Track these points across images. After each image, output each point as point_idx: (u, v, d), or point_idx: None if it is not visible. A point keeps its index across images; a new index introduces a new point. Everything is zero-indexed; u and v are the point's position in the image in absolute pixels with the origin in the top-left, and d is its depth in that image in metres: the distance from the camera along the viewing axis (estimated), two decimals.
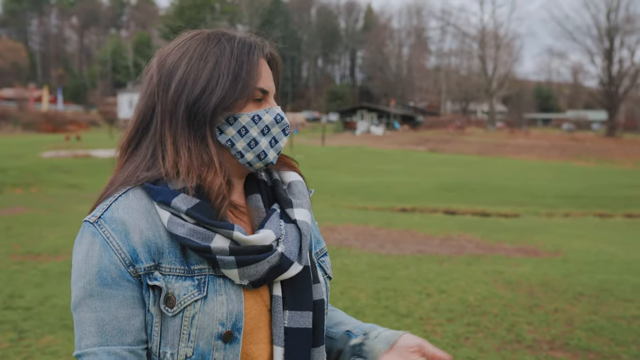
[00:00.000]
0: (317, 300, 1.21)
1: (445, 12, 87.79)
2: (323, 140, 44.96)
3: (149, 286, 1.09)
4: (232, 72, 1.15)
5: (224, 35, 1.20)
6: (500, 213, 15.74)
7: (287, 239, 1.17)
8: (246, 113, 1.17)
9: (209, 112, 1.13)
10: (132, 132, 1.20)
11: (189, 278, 1.10)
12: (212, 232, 1.10)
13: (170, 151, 1.13)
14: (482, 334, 5.03)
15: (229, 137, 1.17)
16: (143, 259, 1.09)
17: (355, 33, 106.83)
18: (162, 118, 1.15)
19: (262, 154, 1.19)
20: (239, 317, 1.11)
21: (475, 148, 43.19)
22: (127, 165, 1.18)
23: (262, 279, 1.12)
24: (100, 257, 1.08)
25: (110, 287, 1.08)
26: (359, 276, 6.84)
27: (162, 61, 1.19)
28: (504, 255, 8.52)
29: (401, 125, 68.36)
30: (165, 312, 1.09)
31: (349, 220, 11.79)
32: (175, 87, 1.15)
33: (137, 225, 1.10)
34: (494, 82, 69.46)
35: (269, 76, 1.22)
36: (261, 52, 1.21)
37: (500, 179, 24.31)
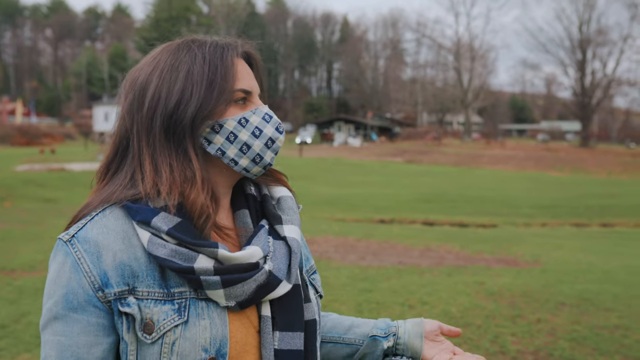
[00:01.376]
0: (309, 320, 1.15)
1: (421, 25, 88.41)
2: (301, 152, 44.95)
3: (120, 312, 1.02)
4: (206, 78, 1.08)
5: (195, 42, 1.14)
6: (478, 223, 15.82)
7: (276, 256, 1.10)
8: (231, 118, 1.11)
9: (187, 125, 1.07)
10: (110, 156, 1.14)
11: (169, 302, 1.03)
12: (195, 252, 1.03)
13: (149, 171, 1.06)
14: (466, 345, 4.99)
15: (218, 145, 1.11)
16: (114, 284, 1.02)
17: (331, 45, 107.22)
18: (139, 137, 1.09)
19: (258, 157, 1.13)
20: (224, 342, 1.04)
21: (452, 159, 43.49)
22: (105, 188, 1.11)
23: (249, 299, 1.06)
24: (69, 278, 1.02)
25: (75, 311, 1.02)
26: (340, 289, 6.78)
27: (134, 79, 1.13)
28: (484, 265, 8.52)
29: (378, 136, 68.67)
30: (143, 339, 1.02)
31: (328, 232, 11.74)
32: (148, 103, 1.08)
33: (111, 247, 1.03)
34: (469, 93, 70.12)
35: (250, 75, 1.16)
36: (235, 52, 1.14)
37: (478, 190, 24.47)
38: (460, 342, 5.05)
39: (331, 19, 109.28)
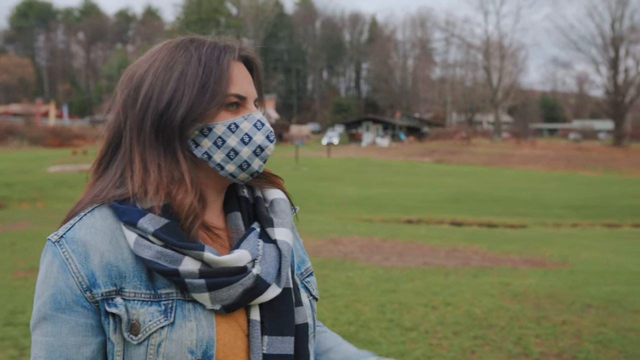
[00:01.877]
0: (300, 324, 1.14)
1: (450, 24, 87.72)
2: (329, 153, 44.95)
3: (107, 313, 1.03)
4: (199, 80, 1.07)
5: (194, 41, 1.13)
6: (507, 224, 15.65)
7: (265, 260, 1.09)
8: (221, 122, 1.10)
9: (176, 126, 1.06)
10: (103, 151, 1.14)
11: (155, 303, 1.03)
12: (181, 254, 1.03)
13: (138, 169, 1.07)
14: (488, 347, 4.95)
15: (205, 149, 1.10)
16: (101, 284, 1.02)
17: (359, 45, 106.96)
18: (131, 134, 1.09)
19: (245, 164, 1.12)
20: (210, 344, 1.03)
21: (482, 159, 43.10)
22: (96, 184, 1.12)
23: (235, 302, 1.05)
24: (57, 279, 1.03)
25: (63, 311, 1.03)
26: (363, 289, 6.77)
27: (131, 75, 1.13)
28: (510, 266, 8.43)
29: (407, 136, 68.34)
30: (130, 340, 1.02)
31: (354, 233, 11.72)
32: (141, 101, 1.08)
33: (99, 248, 1.04)
34: (499, 92, 69.42)
35: (246, 80, 1.15)
36: (232, 55, 1.13)
37: (507, 190, 24.22)
38: (483, 343, 5.02)
39: (359, 19, 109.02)
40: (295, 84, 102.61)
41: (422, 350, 4.87)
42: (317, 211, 18.27)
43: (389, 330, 5.32)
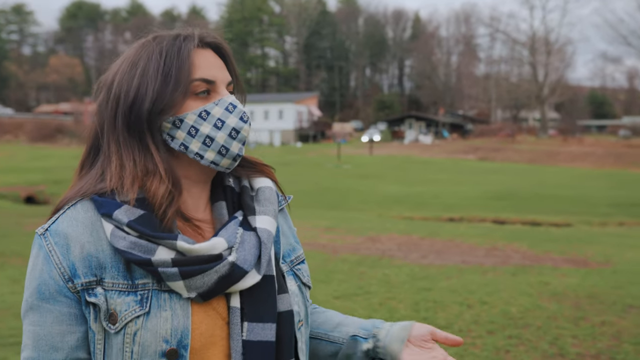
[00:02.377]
0: (283, 311, 1.14)
1: (494, 19, 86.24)
2: (371, 150, 44.83)
3: (87, 302, 1.06)
4: (161, 72, 1.10)
5: (156, 38, 1.15)
6: (551, 222, 15.37)
7: (243, 248, 1.10)
8: (191, 112, 1.11)
9: (144, 118, 1.09)
10: (85, 155, 1.18)
11: (132, 293, 1.05)
12: (155, 244, 1.05)
13: (116, 166, 1.10)
14: (523, 347, 4.88)
15: (180, 140, 1.12)
16: (82, 274, 1.06)
17: (403, 42, 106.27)
18: (108, 135, 1.13)
19: (223, 149, 1.12)
20: (185, 333, 1.05)
21: (527, 156, 42.37)
22: (79, 182, 1.16)
23: (211, 290, 1.06)
24: (42, 270, 1.07)
25: (47, 301, 1.07)
26: (398, 287, 6.74)
27: (105, 77, 1.17)
28: (551, 265, 8.28)
29: (450, 133, 67.64)
30: (108, 329, 1.05)
31: (392, 231, 11.68)
32: (111, 101, 1.12)
33: (79, 239, 1.07)
34: (545, 88, 68.06)
35: (214, 65, 1.15)
36: (193, 42, 1.14)
37: (552, 188, 23.76)
38: (518, 343, 4.95)
39: (403, 16, 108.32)
40: (338, 81, 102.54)
41: (455, 349, 4.81)
42: (358, 209, 18.26)
43: None
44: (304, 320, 1.23)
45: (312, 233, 11.22)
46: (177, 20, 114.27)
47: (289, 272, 1.23)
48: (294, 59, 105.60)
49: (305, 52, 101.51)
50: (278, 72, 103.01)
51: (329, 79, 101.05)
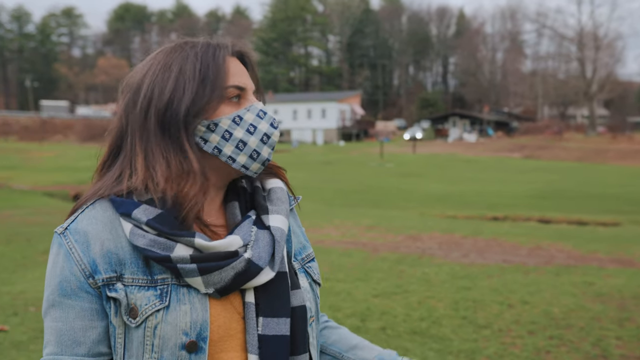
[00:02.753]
0: (297, 306, 1.17)
1: (541, 15, 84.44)
2: (414, 148, 44.54)
3: (108, 297, 1.09)
4: (198, 74, 1.12)
5: (187, 43, 1.18)
6: (598, 222, 14.99)
7: (258, 245, 1.13)
8: (225, 116, 1.14)
9: (181, 118, 1.11)
10: (105, 156, 1.21)
11: (152, 288, 1.08)
12: (174, 241, 1.08)
13: (141, 168, 1.12)
14: (565, 348, 4.79)
15: (214, 144, 1.14)
16: (102, 270, 1.09)
17: (447, 39, 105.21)
18: (133, 136, 1.15)
19: (255, 153, 1.16)
20: (204, 326, 1.08)
21: (575, 154, 41.49)
22: (97, 183, 1.19)
23: (227, 286, 1.09)
24: (63, 268, 1.10)
25: (69, 297, 1.10)
26: (438, 286, 6.69)
27: (130, 80, 1.19)
28: (596, 265, 8.09)
29: (495, 131, 66.66)
30: (129, 323, 1.08)
31: (434, 229, 11.58)
32: (141, 101, 1.13)
33: (99, 237, 1.10)
34: (593, 85, 66.42)
35: (243, 73, 1.19)
36: (227, 51, 1.18)
37: (601, 186, 23.21)
38: (559, 343, 4.85)
39: (447, 13, 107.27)
40: (381, 80, 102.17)
41: (494, 348, 4.77)
42: (400, 207, 18.16)
43: (461, 328, 5.24)
44: (315, 316, 1.26)
45: (353, 232, 11.21)
46: (221, 20, 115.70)
47: (301, 269, 1.27)
48: (337, 58, 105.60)
49: (348, 50, 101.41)
50: (321, 71, 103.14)
51: (372, 77, 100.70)
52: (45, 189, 22.17)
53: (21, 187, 22.38)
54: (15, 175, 26.55)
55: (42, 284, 6.77)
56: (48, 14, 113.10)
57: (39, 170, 29.65)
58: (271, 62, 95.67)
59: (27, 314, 5.65)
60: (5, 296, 6.32)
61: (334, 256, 8.52)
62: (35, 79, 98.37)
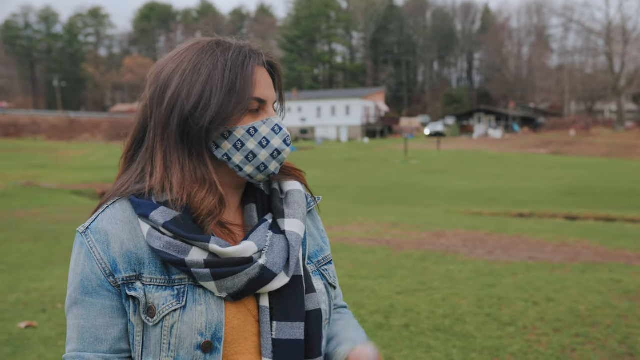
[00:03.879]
0: (312, 310, 1.18)
1: (568, 9, 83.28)
2: (438, 145, 44.28)
3: (127, 296, 1.11)
4: (226, 84, 1.12)
5: (220, 45, 1.17)
6: (626, 218, 14.79)
7: (272, 251, 1.14)
8: (241, 126, 1.15)
9: (204, 128, 1.11)
10: (129, 145, 1.21)
11: (169, 288, 1.10)
12: (189, 244, 1.09)
13: (160, 167, 1.13)
14: (591, 345, 4.74)
15: (225, 151, 1.15)
16: (122, 269, 1.11)
17: (472, 35, 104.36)
18: (155, 132, 1.15)
19: (262, 166, 1.17)
20: (219, 327, 1.10)
21: (602, 150, 40.93)
22: (121, 178, 1.20)
23: (240, 291, 1.10)
24: (84, 266, 1.13)
25: (90, 295, 1.12)
26: (462, 283, 6.65)
27: (158, 73, 1.18)
28: (624, 263, 7.98)
29: (521, 127, 66.01)
30: (147, 322, 1.10)
31: (458, 226, 11.52)
32: (168, 101, 1.13)
33: (119, 236, 1.12)
34: (622, 79, 65.36)
35: (268, 85, 1.19)
36: (257, 61, 1.17)
37: (629, 182, 22.86)
38: (585, 341, 4.81)
39: (472, 8, 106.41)
40: (406, 76, 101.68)
41: (518, 346, 4.73)
42: (424, 204, 18.09)
43: (485, 325, 5.21)
44: (329, 319, 1.27)
45: (376, 229, 11.20)
46: (246, 18, 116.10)
47: (316, 272, 1.27)
48: (361, 55, 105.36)
49: (373, 47, 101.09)
50: (345, 68, 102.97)
51: (396, 74, 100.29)
52: (73, 187, 22.47)
53: (49, 185, 22.70)
54: (43, 174, 26.95)
55: None
56: (75, 15, 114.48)
57: (67, 168, 30.07)
58: (295, 60, 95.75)
59: (55, 310, 5.74)
60: (33, 293, 6.44)
61: (357, 253, 8.52)
62: (62, 79, 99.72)
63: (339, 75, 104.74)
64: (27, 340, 4.91)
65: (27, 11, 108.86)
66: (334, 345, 1.28)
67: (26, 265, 8.03)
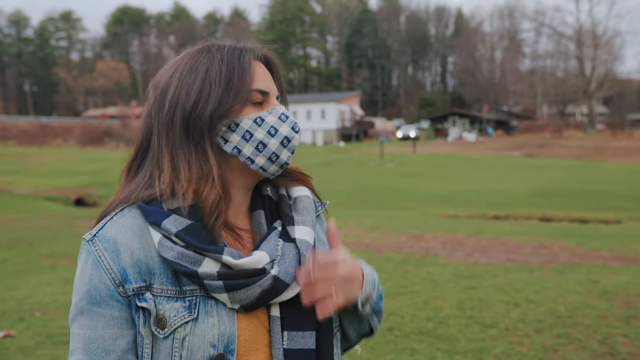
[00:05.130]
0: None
1: (539, 13, 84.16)
2: (414, 148, 44.53)
3: (137, 307, 1.08)
4: (223, 78, 1.12)
5: (214, 45, 1.18)
6: (600, 219, 15.00)
7: (284, 260, 1.12)
8: (247, 117, 1.14)
9: (206, 122, 1.11)
10: (133, 155, 1.20)
11: (180, 299, 1.08)
12: (202, 255, 1.07)
13: (167, 169, 1.11)
14: (572, 346, 4.79)
15: (234, 144, 1.14)
16: (133, 280, 1.08)
17: (445, 38, 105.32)
18: (160, 136, 1.14)
19: (274, 156, 1.16)
20: (232, 338, 1.08)
21: (574, 152, 41.48)
22: (127, 186, 1.18)
23: (253, 303, 1.09)
24: (92, 275, 1.09)
25: (98, 305, 1.09)
26: (443, 286, 6.69)
27: (157, 82, 1.19)
28: (600, 263, 8.09)
29: (495, 130, 66.65)
30: (157, 334, 1.08)
31: (437, 229, 11.58)
32: (169, 103, 1.13)
33: (129, 245, 1.09)
34: (592, 82, 66.36)
35: (267, 78, 1.19)
36: (252, 55, 1.18)
37: (601, 184, 23.21)
38: (566, 342, 4.86)
39: (445, 12, 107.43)
40: (380, 80, 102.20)
41: (501, 347, 4.77)
42: (401, 207, 18.16)
43: (468, 327, 5.24)
44: (339, 325, 1.25)
45: (355, 232, 11.21)
46: (219, 22, 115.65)
47: None
48: (335, 59, 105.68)
49: (347, 51, 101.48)
50: (320, 71, 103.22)
51: (370, 77, 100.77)
52: (47, 193, 22.16)
53: (22, 191, 22.36)
54: (15, 180, 26.53)
55: (47, 289, 6.78)
56: (46, 18, 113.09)
57: (40, 174, 29.62)
58: None
59: (33, 319, 5.65)
60: (10, 301, 6.32)
61: None
62: (34, 84, 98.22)
63: (314, 79, 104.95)
64: (5, 350, 4.82)
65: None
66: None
67: (1, 274, 7.90)
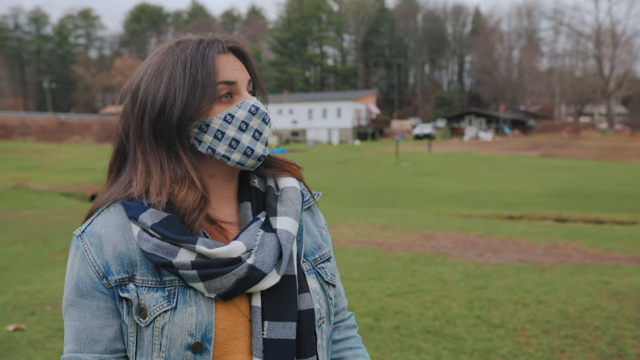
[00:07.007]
0: (304, 310, 1.18)
1: (558, 12, 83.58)
2: (429, 147, 44.37)
3: (120, 297, 1.12)
4: (187, 81, 1.13)
5: (180, 44, 1.19)
6: (615, 220, 14.86)
7: (262, 250, 1.14)
8: (217, 116, 1.15)
9: (174, 127, 1.13)
10: (112, 158, 1.23)
11: (160, 289, 1.11)
12: (177, 246, 1.10)
13: (141, 172, 1.14)
14: (580, 347, 4.76)
15: (207, 144, 1.16)
16: (115, 272, 1.12)
17: (462, 37, 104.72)
18: (134, 140, 1.17)
19: (249, 150, 1.16)
20: (209, 327, 1.10)
21: (592, 152, 41.12)
22: (110, 188, 1.21)
23: (229, 291, 1.11)
24: (79, 269, 1.14)
25: (85, 297, 1.13)
26: (452, 285, 6.67)
27: (130, 83, 1.21)
28: (613, 264, 8.02)
29: (511, 130, 66.23)
30: (139, 323, 1.11)
31: (449, 228, 11.54)
32: (137, 108, 1.16)
33: (112, 239, 1.13)
34: (611, 82, 65.72)
35: (234, 67, 1.19)
36: (217, 49, 1.18)
37: (618, 185, 22.99)
38: (574, 343, 4.82)
39: (462, 11, 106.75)
40: (397, 79, 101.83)
41: (509, 348, 4.75)
42: (415, 207, 18.12)
43: (475, 327, 5.22)
44: (326, 317, 1.26)
45: (367, 231, 11.21)
46: (237, 20, 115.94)
47: (311, 270, 1.26)
48: (352, 57, 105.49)
49: (364, 50, 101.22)
50: (336, 70, 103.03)
51: (387, 76, 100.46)
52: (63, 189, 22.37)
53: (39, 187, 22.58)
54: (33, 176, 26.82)
55: (59, 284, 6.85)
56: (65, 16, 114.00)
57: (57, 170, 29.93)
58: (287, 62, 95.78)
59: (43, 312, 5.71)
60: (22, 295, 6.40)
61: (348, 255, 8.52)
62: (52, 81, 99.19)
63: (330, 78, 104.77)
64: (15, 343, 4.88)
65: (17, 12, 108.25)
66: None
67: (15, 268, 7.99)
